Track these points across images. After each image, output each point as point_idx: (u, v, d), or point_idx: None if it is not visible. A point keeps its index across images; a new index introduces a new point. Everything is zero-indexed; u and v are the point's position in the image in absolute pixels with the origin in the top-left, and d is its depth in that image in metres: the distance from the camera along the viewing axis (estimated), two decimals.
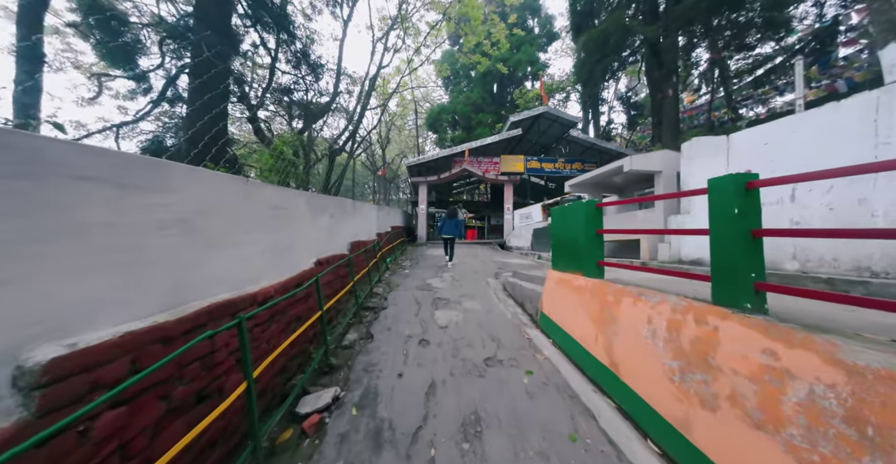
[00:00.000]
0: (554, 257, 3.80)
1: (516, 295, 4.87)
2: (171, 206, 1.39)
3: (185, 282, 1.43)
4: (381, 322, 3.70)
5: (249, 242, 1.97)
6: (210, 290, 1.58)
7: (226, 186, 1.73)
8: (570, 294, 3.20)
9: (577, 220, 3.24)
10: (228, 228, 1.76)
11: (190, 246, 1.47)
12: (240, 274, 1.84)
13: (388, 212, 10.19)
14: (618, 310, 2.38)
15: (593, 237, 3.08)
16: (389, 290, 5.35)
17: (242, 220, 1.90)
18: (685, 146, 4.90)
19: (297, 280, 2.68)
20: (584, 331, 2.80)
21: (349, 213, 5.06)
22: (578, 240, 3.20)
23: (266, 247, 2.17)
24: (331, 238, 3.94)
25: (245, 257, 1.90)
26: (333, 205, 4.06)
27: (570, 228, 3.37)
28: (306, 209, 3.06)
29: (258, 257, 2.07)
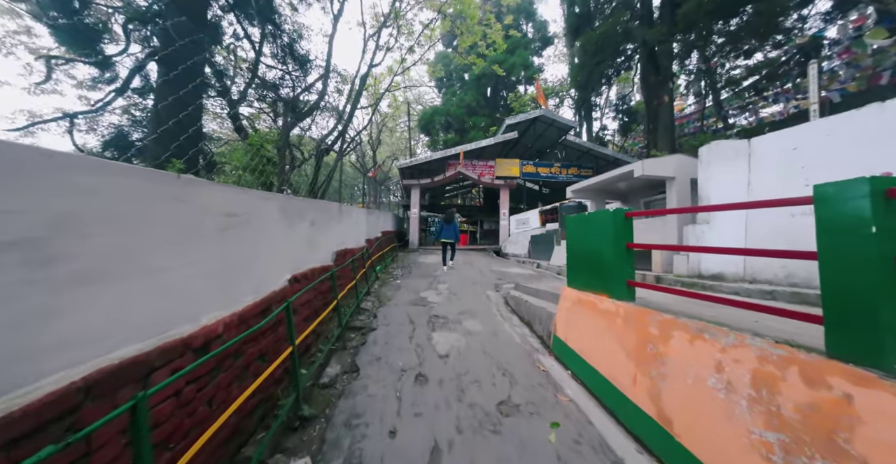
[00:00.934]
0: (570, 273, 3.32)
1: (522, 312, 4.38)
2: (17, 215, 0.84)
3: (24, 349, 0.86)
4: (370, 349, 3.13)
5: (184, 265, 1.41)
6: (90, 349, 1.00)
7: (138, 185, 1.18)
8: (593, 318, 2.72)
9: (601, 231, 2.78)
10: (141, 248, 1.20)
11: (44, 285, 0.90)
12: (162, 312, 1.27)
13: (379, 216, 9.62)
14: (666, 347, 1.91)
15: (623, 252, 2.61)
16: (379, 305, 4.78)
17: (171, 233, 1.34)
18: (703, 150, 4.54)
19: (262, 306, 2.11)
20: (615, 367, 2.31)
21: (334, 218, 4.49)
22: (603, 255, 2.73)
23: (214, 268, 1.61)
24: (311, 248, 3.38)
25: (174, 287, 1.34)
26: (315, 210, 3.49)
27: (593, 241, 2.90)
28: (279, 216, 2.50)
29: (199, 283, 1.51)
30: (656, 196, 6.71)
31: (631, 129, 19.78)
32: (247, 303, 1.92)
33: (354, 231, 5.98)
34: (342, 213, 4.97)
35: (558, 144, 14.89)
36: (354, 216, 5.99)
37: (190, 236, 1.45)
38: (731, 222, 4.31)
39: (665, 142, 14.55)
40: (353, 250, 5.57)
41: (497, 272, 7.30)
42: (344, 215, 5.12)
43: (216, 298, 1.63)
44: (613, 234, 2.63)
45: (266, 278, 2.27)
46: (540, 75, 20.24)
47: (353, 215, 5.92)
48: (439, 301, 4.88)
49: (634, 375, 2.11)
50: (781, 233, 3.83)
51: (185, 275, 1.40)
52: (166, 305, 1.28)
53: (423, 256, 10.27)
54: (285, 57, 12.02)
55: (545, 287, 4.69)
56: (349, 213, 5.55)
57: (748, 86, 16.55)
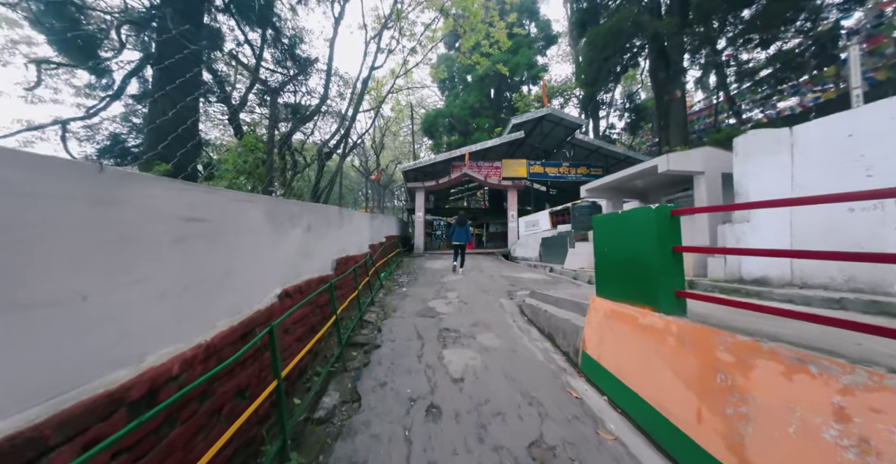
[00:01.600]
0: (600, 281, 2.91)
1: (541, 323, 3.96)
2: None
3: None
4: (373, 371, 2.75)
5: (118, 287, 1.05)
6: None
7: (29, 180, 0.83)
8: (634, 336, 2.31)
9: (640, 232, 2.37)
10: (39, 269, 0.84)
11: None
12: (74, 359, 0.91)
13: (383, 220, 9.29)
14: (747, 380, 1.49)
15: (669, 257, 2.21)
16: (384, 316, 4.40)
17: (95, 246, 0.98)
18: (739, 141, 4.10)
19: (241, 330, 1.75)
20: (668, 396, 1.90)
21: (334, 224, 4.15)
22: (644, 260, 2.33)
23: (168, 289, 1.25)
24: (307, 257, 3.02)
25: (99, 319, 0.98)
26: (311, 214, 3.14)
27: (629, 244, 2.49)
28: (265, 221, 2.14)
29: (144, 311, 1.15)
30: (678, 194, 6.26)
31: (640, 127, 19.28)
32: (219, 329, 1.56)
33: (357, 237, 5.63)
34: (343, 217, 4.63)
35: (566, 144, 14.48)
36: (356, 221, 5.64)
37: (130, 249, 1.09)
38: (774, 220, 3.86)
39: (678, 139, 14.05)
40: (355, 257, 5.22)
41: (508, 278, 6.89)
42: (345, 220, 4.77)
43: (171, 327, 1.26)
44: (656, 235, 2.22)
45: (247, 296, 1.90)
46: (545, 74, 19.90)
47: (356, 220, 5.57)
48: (449, 312, 4.49)
49: (698, 409, 1.70)
50: (837, 230, 3.38)
51: (118, 301, 1.04)
52: (83, 347, 0.92)
53: (429, 261, 9.89)
54: (286, 61, 11.86)
55: (564, 295, 4.27)
56: (351, 217, 5.20)
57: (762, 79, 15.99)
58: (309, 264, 3.07)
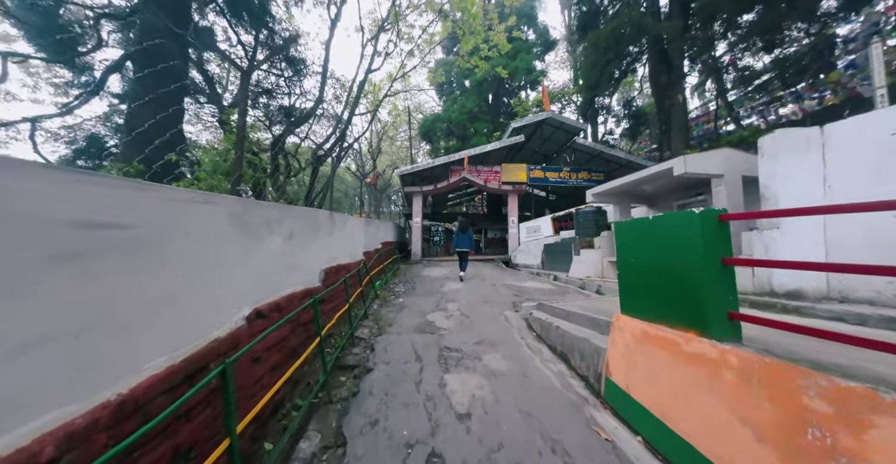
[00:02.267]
0: (626, 296, 2.53)
1: (552, 341, 3.56)
2: None
3: None
4: (363, 404, 2.33)
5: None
6: None
7: None
8: (676, 365, 1.92)
9: (679, 241, 2.00)
10: None
11: None
12: None
13: (379, 226, 8.89)
14: (862, 443, 1.11)
15: (718, 271, 1.84)
16: (378, 331, 3.99)
17: None
18: (766, 141, 3.79)
19: (183, 371, 1.34)
20: (733, 451, 1.50)
21: (324, 229, 3.75)
22: (686, 274, 1.95)
23: (49, 331, 0.85)
24: (288, 268, 2.62)
25: None
26: (295, 219, 2.75)
27: (664, 253, 2.12)
28: (229, 227, 1.75)
29: (7, 372, 0.74)
30: (691, 199, 5.94)
31: (639, 132, 19.18)
32: (148, 374, 1.15)
33: (350, 244, 5.23)
34: (334, 223, 4.24)
35: (566, 148, 14.25)
36: (350, 227, 5.25)
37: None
38: (806, 227, 3.52)
39: (680, 144, 13.85)
40: (347, 266, 4.81)
41: (512, 287, 6.49)
42: (336, 226, 4.38)
43: (55, 388, 0.86)
44: (702, 244, 1.85)
45: (200, 322, 1.50)
46: (544, 79, 19.82)
47: (349, 226, 5.18)
48: (450, 326, 4.08)
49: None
50: (880, 237, 3.05)
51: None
52: None
53: (427, 268, 9.48)
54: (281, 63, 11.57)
55: (577, 308, 3.88)
56: (343, 223, 4.81)
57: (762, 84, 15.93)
58: (291, 277, 2.67)
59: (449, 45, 21.12)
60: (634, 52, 14.39)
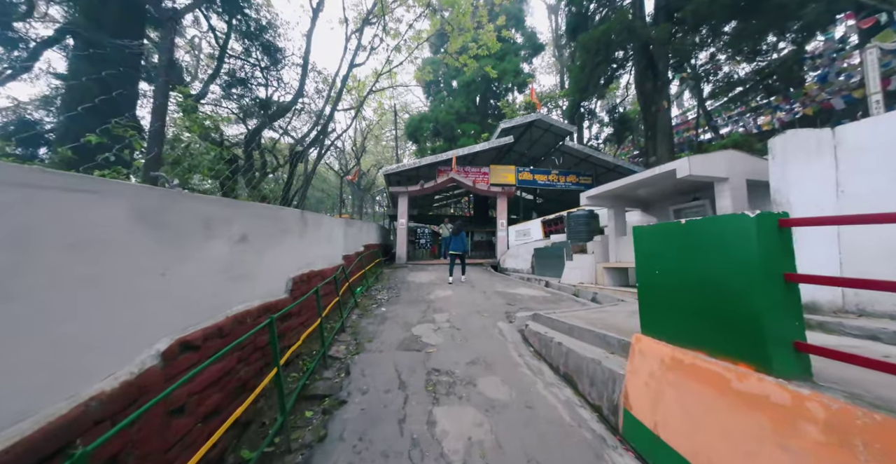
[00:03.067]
0: (649, 314, 2.16)
1: (554, 359, 3.17)
2: None
3: None
4: (331, 455, 1.83)
5: None
6: None
7: None
8: (726, 409, 1.54)
9: (725, 250, 1.64)
10: None
11: None
12: None
13: (361, 228, 8.33)
14: None
15: (780, 290, 1.48)
16: (356, 349, 3.48)
17: None
18: (776, 142, 3.56)
19: (33, 446, 0.81)
20: None
21: (292, 231, 3.22)
22: (735, 291, 1.58)
23: None
24: (241, 280, 2.10)
25: None
26: (249, 218, 2.23)
27: (703, 265, 1.75)
28: (129, 227, 1.23)
29: None
30: (689, 203, 5.75)
31: (624, 137, 19.42)
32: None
33: (327, 247, 4.69)
34: (307, 224, 3.70)
35: (555, 151, 14.13)
36: (327, 228, 4.71)
37: None
38: (818, 235, 3.30)
39: (664, 149, 14.00)
40: (323, 273, 4.27)
41: (503, 294, 6.10)
42: (310, 227, 3.85)
43: None
44: (759, 255, 1.49)
45: (64, 373, 0.98)
46: (533, 80, 19.77)
47: (326, 227, 4.64)
48: (439, 342, 3.62)
49: None
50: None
51: None
52: None
53: (412, 273, 8.98)
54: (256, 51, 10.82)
55: (580, 322, 3.52)
56: (318, 224, 4.27)
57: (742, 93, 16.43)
58: (243, 290, 2.14)
59: (437, 43, 20.80)
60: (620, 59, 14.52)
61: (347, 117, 16.21)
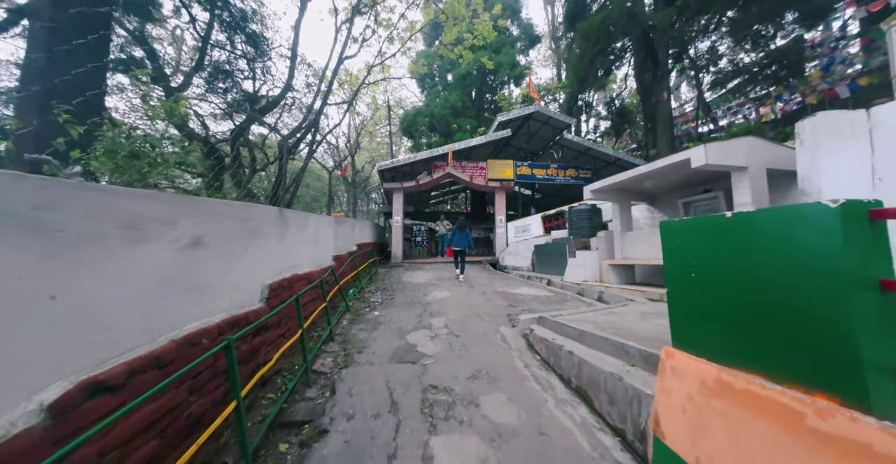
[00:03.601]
0: (683, 325, 1.82)
1: (564, 370, 2.84)
2: None
3: None
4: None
5: None
6: None
7: None
8: (804, 453, 1.21)
9: (796, 248, 1.29)
10: None
11: None
12: None
13: (354, 226, 7.96)
14: None
15: (877, 299, 1.14)
16: (344, 361, 3.13)
17: None
18: (806, 125, 3.22)
19: None
20: None
21: (268, 231, 2.85)
22: (811, 300, 1.25)
23: None
24: (194, 293, 1.74)
25: None
26: (204, 215, 1.86)
27: (764, 267, 1.41)
28: None
29: None
30: (699, 196, 5.43)
31: (623, 130, 19.09)
32: None
33: (314, 248, 4.33)
34: (287, 223, 3.33)
35: (554, 144, 13.76)
36: (313, 227, 4.34)
37: None
38: None
39: (665, 141, 13.69)
40: (310, 276, 3.91)
41: (504, 294, 5.77)
42: (292, 227, 3.48)
43: None
44: (845, 256, 1.15)
45: None
46: (530, 72, 19.34)
47: (312, 226, 4.27)
48: (436, 351, 3.28)
49: None
50: None
51: None
52: None
53: (408, 273, 8.63)
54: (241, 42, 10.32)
55: (590, 328, 3.19)
56: (303, 223, 3.90)
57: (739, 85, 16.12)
58: (197, 304, 1.78)
59: (431, 35, 20.28)
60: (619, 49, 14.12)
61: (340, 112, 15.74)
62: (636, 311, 4.02)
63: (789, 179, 4.27)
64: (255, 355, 2.40)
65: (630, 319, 3.63)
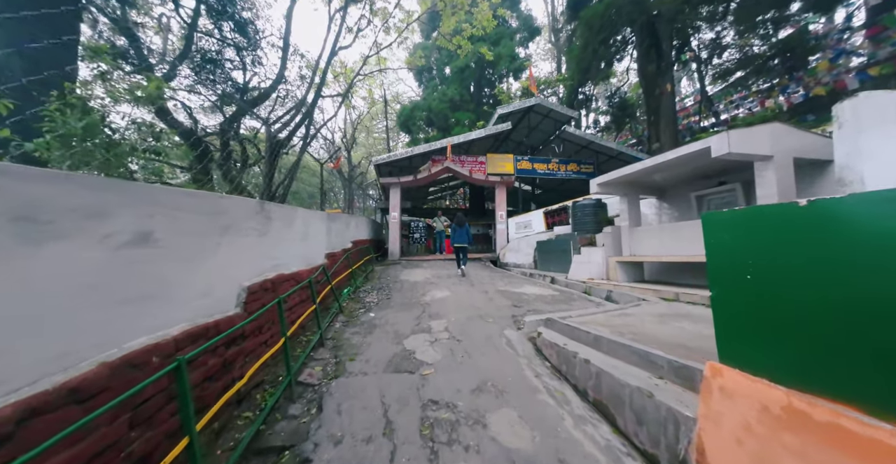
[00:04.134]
0: (737, 336, 1.52)
1: (579, 380, 2.55)
2: None
3: None
4: None
5: None
6: None
7: None
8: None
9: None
10: None
11: None
12: None
13: (349, 222, 7.62)
14: None
15: None
16: (334, 368, 2.83)
17: None
18: (846, 107, 2.91)
19: None
20: None
21: (246, 227, 2.52)
22: None
23: None
24: (137, 302, 1.42)
25: None
26: (156, 208, 1.53)
27: (855, 271, 1.11)
28: None
29: None
30: (714, 189, 5.13)
31: (625, 123, 18.76)
32: None
33: (303, 245, 4.00)
34: (271, 218, 3.00)
35: (555, 138, 13.42)
36: (302, 223, 4.01)
37: None
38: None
39: (668, 135, 13.38)
40: (298, 276, 3.59)
41: (507, 293, 5.48)
42: (276, 222, 3.14)
43: None
44: None
45: None
46: (531, 64, 18.92)
47: (300, 222, 3.94)
48: (436, 360, 2.97)
49: None
50: None
51: None
52: None
53: (406, 270, 8.32)
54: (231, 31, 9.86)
55: (607, 332, 2.90)
56: (290, 218, 3.57)
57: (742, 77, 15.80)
58: (142, 317, 1.46)
59: (429, 27, 19.78)
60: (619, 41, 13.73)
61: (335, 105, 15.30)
62: (651, 312, 3.73)
63: (816, 170, 3.98)
64: (228, 369, 2.08)
65: (647, 321, 3.35)
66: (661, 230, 5.18)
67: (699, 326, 3.05)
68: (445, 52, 17.89)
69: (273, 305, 2.41)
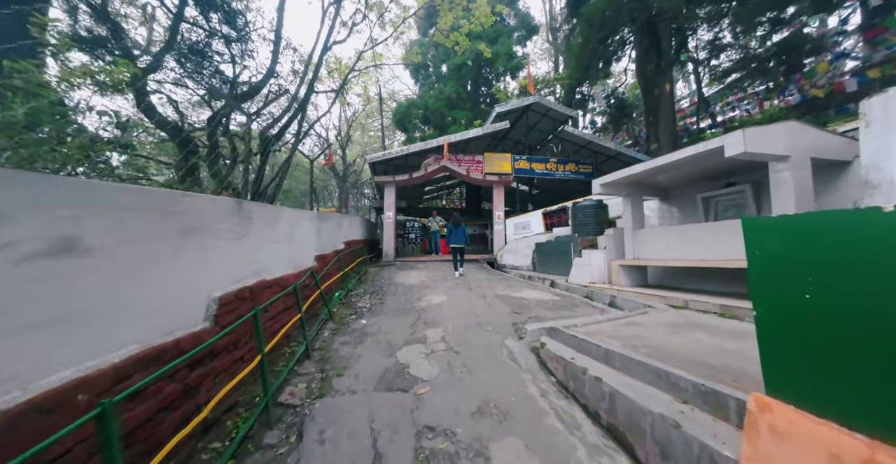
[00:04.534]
0: (787, 366, 1.28)
1: (590, 400, 2.31)
2: None
3: None
4: None
5: None
6: None
7: None
8: None
9: None
10: None
11: None
12: None
13: (341, 222, 7.32)
14: None
15: None
16: (320, 385, 2.55)
17: None
18: (875, 103, 2.71)
19: None
20: None
21: (219, 229, 2.23)
22: None
23: None
24: (56, 326, 1.13)
25: None
26: (83, 205, 1.25)
27: None
28: None
29: None
30: (721, 190, 4.94)
31: (623, 123, 18.65)
32: None
33: (289, 247, 3.71)
34: (251, 218, 2.71)
35: (553, 138, 13.22)
36: (287, 223, 3.71)
37: None
38: None
39: (668, 136, 13.26)
40: (283, 281, 3.31)
41: (506, 298, 5.23)
42: (257, 222, 2.86)
43: None
44: None
45: None
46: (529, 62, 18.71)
47: (285, 222, 3.64)
48: (432, 375, 2.71)
49: None
50: None
51: None
52: None
53: (401, 272, 8.04)
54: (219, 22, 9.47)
55: (613, 343, 2.68)
56: (273, 218, 3.28)
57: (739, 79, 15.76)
58: (64, 346, 1.17)
59: (426, 24, 19.48)
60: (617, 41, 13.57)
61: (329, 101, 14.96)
62: (661, 321, 3.52)
63: (832, 171, 3.79)
64: (191, 394, 1.80)
65: (659, 332, 3.12)
66: (667, 233, 4.97)
67: (716, 338, 2.83)
68: (442, 49, 17.61)
69: (246, 318, 2.12)
